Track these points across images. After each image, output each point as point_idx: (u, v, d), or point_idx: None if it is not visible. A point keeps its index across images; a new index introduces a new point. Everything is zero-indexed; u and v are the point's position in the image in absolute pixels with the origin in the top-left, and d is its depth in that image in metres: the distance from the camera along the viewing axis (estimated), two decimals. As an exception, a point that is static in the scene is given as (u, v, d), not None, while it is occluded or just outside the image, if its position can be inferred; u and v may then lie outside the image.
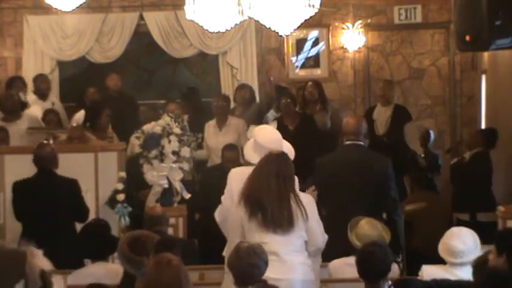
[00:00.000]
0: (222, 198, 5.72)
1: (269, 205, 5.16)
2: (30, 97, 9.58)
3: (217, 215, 5.75)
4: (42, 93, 9.70)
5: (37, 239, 6.18)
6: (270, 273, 4.82)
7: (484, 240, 5.25)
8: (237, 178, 5.60)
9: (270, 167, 5.26)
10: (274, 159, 5.30)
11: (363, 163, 6.49)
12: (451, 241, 5.22)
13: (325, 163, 6.64)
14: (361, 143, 6.60)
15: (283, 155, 5.35)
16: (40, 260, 4.84)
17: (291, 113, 9.01)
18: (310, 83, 9.69)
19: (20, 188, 6.70)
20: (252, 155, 5.67)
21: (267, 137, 5.67)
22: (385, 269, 4.70)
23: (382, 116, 9.46)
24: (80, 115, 8.90)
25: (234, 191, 5.56)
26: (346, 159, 6.56)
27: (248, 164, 5.69)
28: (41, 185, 6.64)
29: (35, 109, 9.17)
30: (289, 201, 5.20)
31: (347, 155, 6.59)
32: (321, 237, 5.33)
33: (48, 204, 6.54)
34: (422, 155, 9.36)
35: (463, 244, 5.19)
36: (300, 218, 5.19)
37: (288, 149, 5.75)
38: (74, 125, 8.16)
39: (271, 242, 5.12)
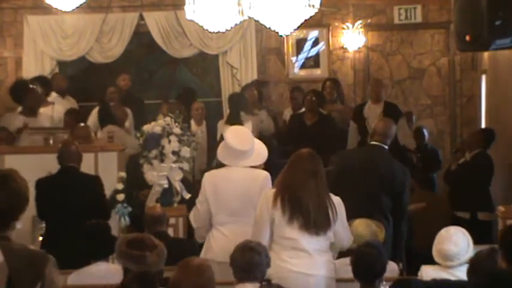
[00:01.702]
0: (197, 201, 5.79)
1: (311, 208, 5.16)
2: (51, 96, 9.59)
3: (194, 220, 5.83)
4: (61, 92, 9.74)
5: (61, 237, 6.23)
6: (301, 268, 5.01)
7: (482, 239, 5.25)
8: (210, 181, 5.72)
9: (306, 166, 5.25)
10: (307, 157, 5.29)
11: (384, 166, 6.48)
12: (443, 245, 5.19)
13: (345, 157, 6.62)
14: (386, 146, 6.59)
15: (313, 152, 5.34)
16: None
17: (313, 110, 9.04)
18: (328, 82, 9.72)
19: (43, 185, 6.65)
20: (222, 155, 5.76)
21: (236, 138, 5.73)
22: (380, 270, 4.71)
23: (373, 113, 9.44)
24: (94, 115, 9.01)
25: (208, 194, 5.68)
26: (367, 158, 6.54)
27: (220, 165, 5.76)
28: (64, 182, 6.58)
29: (57, 108, 9.19)
30: (325, 202, 5.22)
31: (370, 154, 6.57)
32: (346, 240, 5.34)
33: (71, 202, 6.51)
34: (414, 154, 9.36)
35: (454, 246, 5.16)
36: (331, 219, 5.21)
37: (262, 149, 5.80)
38: (82, 124, 8.19)
39: (300, 239, 5.17)
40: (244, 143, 5.72)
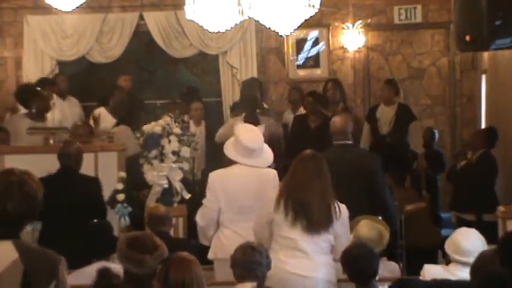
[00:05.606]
0: (205, 201, 5.78)
1: (314, 209, 5.17)
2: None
3: (201, 218, 5.82)
4: (61, 93, 9.73)
5: (56, 237, 6.23)
6: (298, 270, 4.99)
7: (487, 240, 5.24)
8: (220, 180, 5.72)
9: (309, 167, 5.27)
10: (310, 158, 5.31)
11: (353, 162, 6.53)
12: (461, 240, 5.18)
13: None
14: (350, 142, 6.66)
15: (316, 153, 5.36)
16: None
17: (316, 111, 8.87)
18: (330, 83, 9.58)
19: (42, 184, 6.62)
20: (232, 153, 5.74)
21: (248, 137, 5.73)
22: (373, 270, 4.70)
23: (385, 115, 9.32)
24: (101, 113, 8.98)
25: (219, 193, 5.67)
26: (337, 159, 6.56)
27: (228, 163, 5.75)
28: (63, 182, 6.55)
29: (56, 110, 9.20)
30: (329, 202, 5.22)
31: (337, 154, 6.60)
32: (345, 244, 5.27)
33: (68, 202, 6.50)
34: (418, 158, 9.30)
35: (471, 245, 5.15)
36: (334, 218, 5.21)
37: (269, 153, 5.80)
38: (79, 123, 8.17)
39: (299, 239, 5.17)
40: (254, 141, 5.73)
